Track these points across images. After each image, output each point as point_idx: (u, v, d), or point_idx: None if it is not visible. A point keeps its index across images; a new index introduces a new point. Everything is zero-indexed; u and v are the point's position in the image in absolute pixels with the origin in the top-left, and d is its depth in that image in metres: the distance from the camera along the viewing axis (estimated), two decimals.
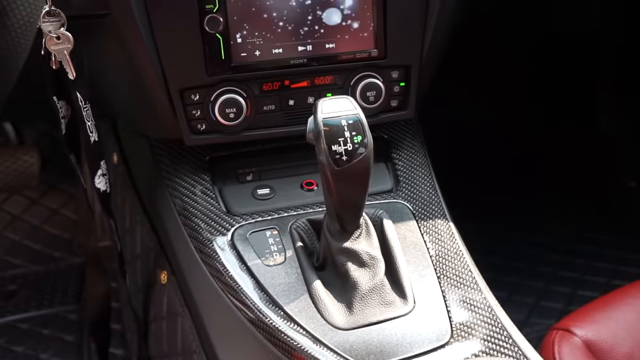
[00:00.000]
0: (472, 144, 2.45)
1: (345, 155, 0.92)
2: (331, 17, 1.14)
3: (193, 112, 1.15)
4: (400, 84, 1.23)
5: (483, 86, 2.39)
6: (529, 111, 2.49)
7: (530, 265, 2.15)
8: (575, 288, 2.06)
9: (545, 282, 2.09)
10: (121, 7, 1.04)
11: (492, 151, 2.48)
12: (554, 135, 2.46)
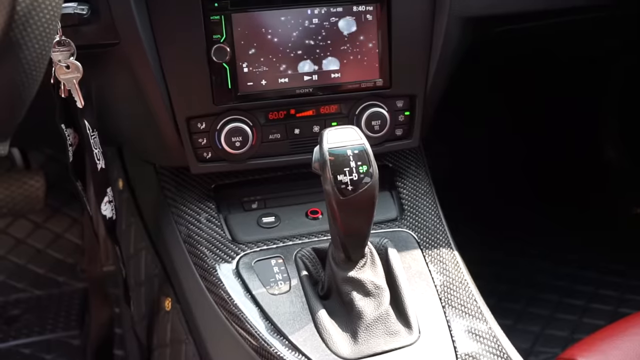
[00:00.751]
0: (476, 171, 2.45)
1: (351, 185, 0.93)
2: (337, 47, 1.16)
3: (199, 140, 1.16)
4: (405, 113, 1.24)
5: (485, 113, 2.41)
6: (531, 139, 2.49)
7: (536, 292, 2.14)
8: (581, 316, 2.05)
9: (550, 310, 2.08)
10: (130, 37, 1.06)
11: (496, 179, 2.48)
12: (558, 162, 2.46)
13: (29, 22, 0.68)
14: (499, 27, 1.33)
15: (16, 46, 0.68)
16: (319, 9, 1.13)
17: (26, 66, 0.70)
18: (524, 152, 2.50)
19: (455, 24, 1.20)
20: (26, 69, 0.70)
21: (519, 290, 2.15)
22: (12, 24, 0.67)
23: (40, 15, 0.69)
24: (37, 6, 0.68)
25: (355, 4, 1.15)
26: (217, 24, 1.09)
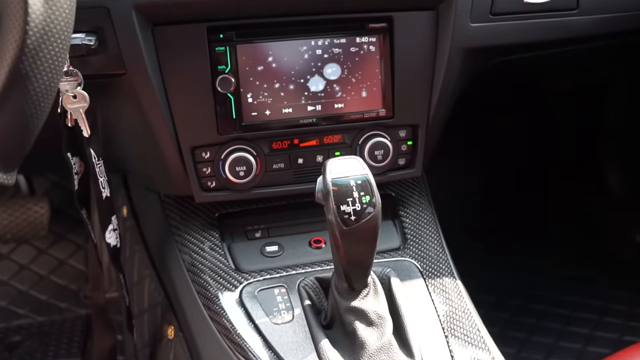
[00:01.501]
0: (478, 199, 2.46)
1: (354, 215, 0.93)
2: (340, 77, 1.17)
3: (203, 169, 1.17)
4: (407, 142, 1.25)
5: (486, 140, 2.42)
6: (531, 164, 2.50)
7: (539, 320, 2.13)
8: (585, 344, 2.04)
9: (554, 338, 2.06)
10: (136, 67, 1.07)
11: (496, 204, 2.48)
12: (558, 190, 2.46)
13: (38, 55, 0.69)
14: (499, 58, 1.34)
15: (25, 78, 0.69)
16: (323, 40, 1.15)
17: (35, 98, 0.71)
18: (526, 177, 2.51)
19: (457, 55, 1.21)
20: (35, 101, 0.71)
21: (523, 318, 2.15)
22: (22, 56, 0.68)
23: (50, 48, 0.70)
24: (47, 39, 0.70)
25: (358, 35, 1.16)
26: (222, 54, 1.11)
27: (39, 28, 0.68)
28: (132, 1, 1.03)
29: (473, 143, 2.42)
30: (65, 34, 0.72)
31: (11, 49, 0.68)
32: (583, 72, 1.84)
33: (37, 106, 0.72)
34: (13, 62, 0.68)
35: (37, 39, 0.68)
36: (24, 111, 0.70)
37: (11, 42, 0.68)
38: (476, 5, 1.20)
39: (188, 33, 1.09)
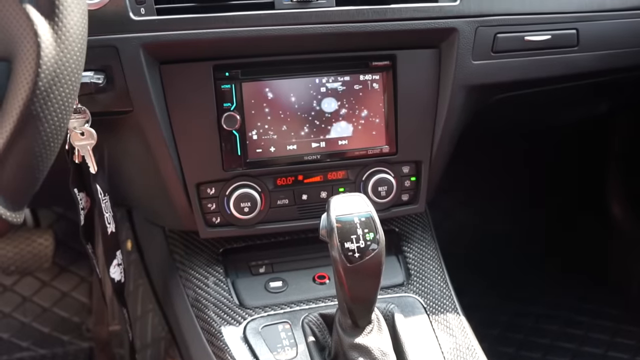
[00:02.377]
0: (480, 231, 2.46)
1: (358, 252, 0.94)
2: (344, 115, 1.19)
3: (208, 205, 1.18)
4: (411, 178, 1.26)
5: (487, 172, 2.42)
6: (535, 198, 2.51)
7: (543, 355, 2.12)
8: None
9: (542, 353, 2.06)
10: (143, 105, 1.08)
11: (499, 239, 2.48)
12: (560, 222, 2.46)
13: (49, 96, 0.71)
14: (501, 94, 1.35)
15: (37, 119, 0.70)
16: (327, 78, 1.16)
17: (45, 138, 0.72)
18: (529, 210, 2.51)
19: (459, 91, 1.23)
20: (45, 141, 0.72)
21: (526, 352, 2.13)
22: (34, 97, 0.69)
23: (61, 89, 0.72)
24: (58, 81, 0.71)
25: (361, 73, 1.18)
26: (227, 92, 1.13)
27: (50, 70, 0.70)
28: (140, 40, 1.05)
29: (475, 175, 2.42)
30: (75, 75, 0.74)
31: (23, 90, 0.69)
32: (584, 106, 1.85)
33: (47, 146, 0.73)
34: (25, 103, 0.69)
35: (49, 80, 0.70)
36: (34, 151, 0.71)
37: (23, 84, 0.69)
38: (478, 43, 1.21)
39: (194, 71, 1.11)
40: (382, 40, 1.16)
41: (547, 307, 2.30)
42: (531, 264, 2.44)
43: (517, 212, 2.49)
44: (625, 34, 1.38)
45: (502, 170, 2.43)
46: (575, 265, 2.41)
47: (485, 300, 2.14)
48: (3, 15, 0.70)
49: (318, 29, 1.11)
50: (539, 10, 1.26)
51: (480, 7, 1.20)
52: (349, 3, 1.12)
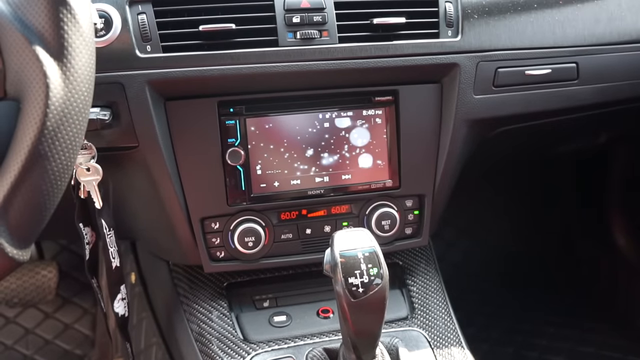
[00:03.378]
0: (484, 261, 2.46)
1: (362, 287, 0.94)
2: (347, 149, 1.20)
3: (213, 240, 1.18)
4: (414, 212, 1.27)
5: (490, 203, 2.43)
6: (537, 230, 2.51)
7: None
8: None
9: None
10: (148, 141, 1.10)
11: (502, 269, 2.48)
12: (565, 252, 2.46)
13: (57, 136, 0.72)
14: (502, 127, 1.36)
15: (44, 158, 0.71)
16: (330, 113, 1.18)
17: (52, 177, 0.73)
18: (531, 240, 2.51)
19: (461, 125, 1.24)
20: (52, 180, 0.73)
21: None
22: (42, 137, 0.70)
23: (69, 129, 0.73)
24: (66, 121, 0.72)
25: (365, 108, 1.19)
26: (232, 128, 1.14)
27: (58, 110, 0.71)
28: (146, 77, 1.06)
29: (476, 205, 2.43)
30: (83, 115, 0.75)
31: (31, 130, 0.70)
32: (584, 137, 1.86)
33: (54, 185, 0.73)
34: (33, 142, 0.70)
35: (57, 120, 0.71)
36: (41, 190, 0.72)
37: (32, 124, 0.70)
38: (479, 78, 1.23)
39: (199, 107, 1.12)
40: (384, 76, 1.18)
41: (553, 339, 2.29)
42: (535, 294, 2.43)
43: (519, 242, 2.49)
44: (624, 66, 1.39)
45: (503, 199, 2.43)
46: (580, 295, 2.40)
47: (490, 332, 2.13)
48: (14, 56, 0.71)
49: (321, 65, 1.12)
50: (539, 44, 1.28)
51: (481, 42, 1.22)
52: (352, 40, 1.14)
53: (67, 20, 0.72)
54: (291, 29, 1.11)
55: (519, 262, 2.48)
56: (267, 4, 1.11)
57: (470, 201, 2.33)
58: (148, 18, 1.07)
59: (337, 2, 1.13)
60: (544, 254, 2.48)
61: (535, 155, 2.13)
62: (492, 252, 2.47)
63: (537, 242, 2.50)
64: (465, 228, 2.43)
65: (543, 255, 2.48)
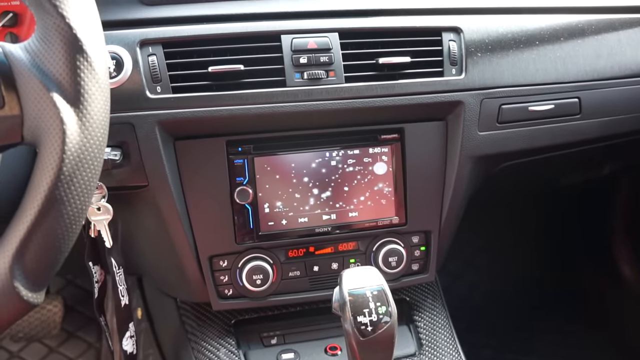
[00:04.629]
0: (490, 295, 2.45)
1: (370, 325, 0.94)
2: (354, 187, 1.21)
3: (221, 277, 1.19)
4: (420, 248, 1.28)
5: (494, 234, 2.43)
6: (543, 260, 2.51)
7: None
8: None
9: None
10: (158, 180, 1.11)
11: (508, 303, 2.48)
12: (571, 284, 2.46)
13: (73, 181, 0.73)
14: (507, 162, 1.38)
15: (60, 203, 0.72)
16: (337, 151, 1.19)
17: (67, 220, 0.74)
18: (536, 270, 2.51)
19: (466, 162, 1.25)
20: (67, 223, 0.74)
21: None
22: (58, 182, 0.72)
23: (84, 174, 0.74)
24: (82, 166, 0.73)
25: (371, 146, 1.21)
26: (240, 167, 1.15)
27: (74, 156, 0.72)
28: (156, 118, 1.08)
29: (480, 236, 2.43)
30: (98, 160, 0.76)
31: (48, 175, 0.72)
32: (587, 169, 1.87)
33: (69, 228, 0.75)
34: (49, 188, 0.71)
35: (73, 166, 0.72)
36: (57, 234, 0.73)
37: (48, 169, 0.72)
38: (483, 115, 1.24)
39: (208, 147, 1.14)
40: (390, 115, 1.19)
41: None
42: (543, 326, 2.42)
43: (523, 272, 2.49)
44: (626, 100, 1.41)
45: (506, 229, 2.44)
46: (589, 326, 2.40)
47: None
48: (31, 102, 0.73)
49: (328, 105, 1.14)
50: (542, 80, 1.30)
51: (485, 80, 1.24)
52: (358, 79, 1.16)
53: (83, 67, 0.74)
54: (298, 70, 1.13)
55: (524, 293, 2.48)
56: (274, 45, 1.13)
57: (475, 233, 2.33)
58: (158, 59, 1.09)
59: (343, 43, 1.15)
60: (548, 284, 2.48)
61: (538, 188, 2.14)
62: (497, 283, 2.47)
63: (541, 273, 2.50)
64: (471, 259, 2.44)
65: (548, 286, 2.48)
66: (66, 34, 0.73)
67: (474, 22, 1.25)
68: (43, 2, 0.73)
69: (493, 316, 2.40)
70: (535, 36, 1.30)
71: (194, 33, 1.12)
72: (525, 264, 2.49)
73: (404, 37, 1.20)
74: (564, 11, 1.37)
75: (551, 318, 2.46)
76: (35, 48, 0.74)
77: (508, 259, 2.49)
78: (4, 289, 0.71)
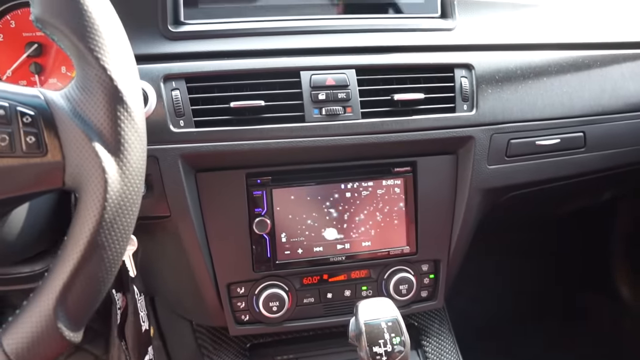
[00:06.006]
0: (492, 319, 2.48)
1: (385, 355, 0.99)
2: (367, 218, 1.25)
3: (238, 304, 1.23)
4: (429, 276, 1.32)
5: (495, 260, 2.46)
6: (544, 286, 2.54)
7: None
8: None
9: None
10: (180, 211, 1.14)
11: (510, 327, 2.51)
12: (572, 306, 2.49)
13: (113, 227, 0.77)
14: (513, 193, 1.42)
15: (101, 248, 0.76)
16: (352, 184, 1.23)
17: (108, 264, 0.78)
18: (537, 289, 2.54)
19: (475, 194, 1.29)
20: (107, 267, 0.78)
21: None
22: (100, 229, 0.75)
23: (124, 219, 0.78)
24: (122, 212, 0.77)
25: (384, 179, 1.25)
26: (259, 198, 1.19)
27: (115, 203, 0.76)
28: (179, 151, 1.12)
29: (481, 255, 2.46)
30: (136, 205, 0.80)
31: (90, 222, 0.75)
32: (590, 197, 1.91)
33: (109, 271, 0.78)
34: (92, 234, 0.75)
35: (114, 212, 0.76)
36: (97, 277, 0.77)
37: (90, 216, 0.75)
38: (493, 149, 1.29)
39: (229, 179, 1.18)
40: (403, 149, 1.23)
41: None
42: (544, 345, 2.46)
43: (524, 293, 2.52)
44: (629, 133, 1.45)
45: (508, 252, 2.47)
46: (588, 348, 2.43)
47: None
48: (73, 151, 0.77)
49: (346, 140, 1.17)
50: (549, 115, 1.34)
51: (495, 115, 1.28)
52: (374, 115, 1.19)
53: (123, 118, 0.78)
54: (317, 106, 1.16)
55: (524, 314, 2.51)
56: (294, 81, 1.17)
57: (475, 257, 2.36)
58: (181, 94, 1.12)
59: (360, 79, 1.19)
60: (548, 306, 2.51)
61: (541, 216, 2.18)
62: (499, 304, 2.50)
63: (541, 294, 2.53)
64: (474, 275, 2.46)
65: (547, 307, 2.51)
66: (107, 86, 0.77)
67: (485, 59, 1.29)
68: (85, 53, 0.77)
69: (496, 332, 2.43)
70: (543, 72, 1.34)
71: (216, 68, 1.15)
72: (525, 285, 2.52)
73: (418, 73, 1.24)
74: (571, 47, 1.41)
75: (553, 337, 2.49)
76: (76, 97, 0.78)
77: (508, 277, 2.52)
78: (48, 330, 0.75)
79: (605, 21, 1.51)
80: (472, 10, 1.36)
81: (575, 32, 1.44)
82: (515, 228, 2.32)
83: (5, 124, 0.75)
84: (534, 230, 2.39)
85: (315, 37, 1.24)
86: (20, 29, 1.21)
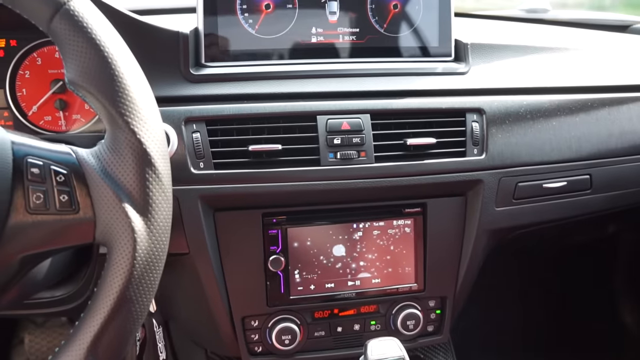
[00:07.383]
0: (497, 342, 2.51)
1: None
2: (378, 256, 1.29)
3: (252, 336, 1.28)
4: (436, 311, 1.36)
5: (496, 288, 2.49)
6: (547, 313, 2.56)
7: None
8: None
9: None
10: (199, 249, 1.19)
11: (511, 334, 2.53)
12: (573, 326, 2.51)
13: (142, 282, 0.82)
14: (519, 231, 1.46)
15: (130, 302, 0.82)
16: (364, 223, 1.28)
17: (136, 316, 0.83)
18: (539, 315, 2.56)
19: (482, 235, 1.34)
20: (135, 318, 0.83)
21: None
22: (129, 285, 0.81)
23: (151, 275, 0.83)
24: (149, 268, 0.82)
25: (395, 219, 1.29)
26: (274, 237, 1.24)
27: (144, 261, 0.81)
28: (199, 192, 1.16)
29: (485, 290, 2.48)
30: (162, 260, 0.85)
31: (120, 278, 0.80)
32: (593, 231, 1.94)
33: (137, 322, 0.84)
34: (121, 289, 0.80)
35: (142, 269, 0.81)
36: (126, 328, 0.82)
37: (120, 272, 0.80)
38: (501, 192, 1.32)
39: (245, 218, 1.22)
40: (414, 191, 1.27)
41: None
42: None
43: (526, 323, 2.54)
44: (636, 175, 1.48)
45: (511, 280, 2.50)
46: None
47: None
48: (104, 209, 0.82)
49: (359, 183, 1.22)
50: (557, 159, 1.37)
51: (504, 159, 1.31)
52: (386, 159, 1.23)
53: (152, 179, 0.83)
54: (332, 150, 1.21)
55: (527, 344, 2.53)
56: (310, 125, 1.21)
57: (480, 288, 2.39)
58: (202, 136, 1.16)
59: (374, 123, 1.23)
60: (553, 336, 2.54)
61: (545, 250, 2.21)
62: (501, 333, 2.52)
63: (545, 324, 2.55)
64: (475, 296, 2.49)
65: (552, 337, 2.53)
66: (137, 149, 0.82)
67: (496, 102, 1.32)
68: (116, 117, 0.82)
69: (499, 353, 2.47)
70: (552, 116, 1.37)
71: (235, 112, 1.19)
72: (529, 315, 2.54)
73: (430, 117, 1.27)
74: (581, 91, 1.44)
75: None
76: (106, 157, 0.83)
77: (509, 300, 2.54)
78: None
79: (614, 63, 1.55)
80: (485, 54, 1.40)
81: (585, 74, 1.47)
82: (520, 258, 2.34)
83: (40, 182, 0.80)
84: (537, 259, 2.42)
85: (332, 81, 1.28)
86: (46, 66, 1.26)
